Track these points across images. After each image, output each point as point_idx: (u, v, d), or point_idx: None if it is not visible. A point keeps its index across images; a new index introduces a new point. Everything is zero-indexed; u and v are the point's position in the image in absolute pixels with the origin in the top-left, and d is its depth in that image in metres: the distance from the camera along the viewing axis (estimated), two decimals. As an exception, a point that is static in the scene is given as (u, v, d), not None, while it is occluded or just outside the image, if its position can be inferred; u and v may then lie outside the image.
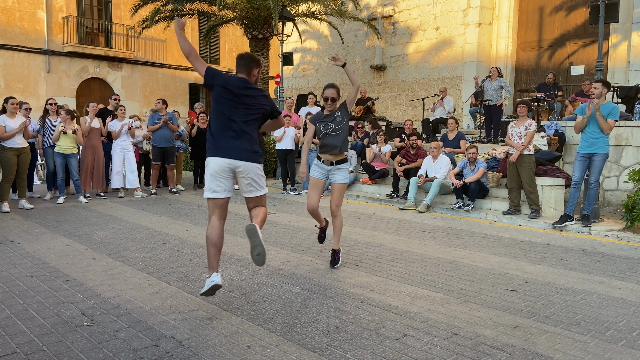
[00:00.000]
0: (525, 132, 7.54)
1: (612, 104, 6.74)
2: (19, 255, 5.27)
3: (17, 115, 8.04)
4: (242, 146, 3.75)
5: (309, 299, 4.05)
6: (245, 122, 3.78)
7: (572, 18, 13.68)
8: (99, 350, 3.07)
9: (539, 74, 14.19)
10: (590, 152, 6.84)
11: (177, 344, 3.18)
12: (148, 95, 21.32)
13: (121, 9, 20.26)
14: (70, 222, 7.12)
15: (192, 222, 7.23)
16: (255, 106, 3.83)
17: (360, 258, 5.41)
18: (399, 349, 3.17)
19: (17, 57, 17.88)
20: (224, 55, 24.05)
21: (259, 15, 14.63)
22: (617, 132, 8.68)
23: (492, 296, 4.23)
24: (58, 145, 8.58)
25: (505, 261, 5.40)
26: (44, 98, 17.23)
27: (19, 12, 17.82)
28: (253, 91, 3.84)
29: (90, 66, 19.63)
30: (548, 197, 7.88)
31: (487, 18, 14.82)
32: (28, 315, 3.60)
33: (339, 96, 5.05)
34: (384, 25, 17.15)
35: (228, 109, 3.75)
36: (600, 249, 6.12)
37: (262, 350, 3.11)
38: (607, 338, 3.41)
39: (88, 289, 4.22)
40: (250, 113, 3.80)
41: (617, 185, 8.74)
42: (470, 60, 14.87)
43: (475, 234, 6.81)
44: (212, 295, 3.78)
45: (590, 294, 4.35)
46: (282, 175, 10.74)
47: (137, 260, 5.13)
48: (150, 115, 10.06)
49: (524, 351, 3.17)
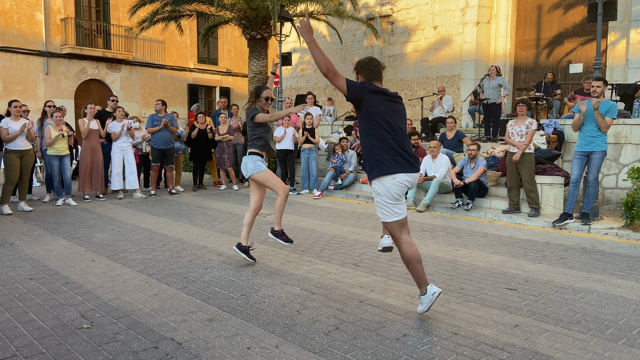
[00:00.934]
0: (525, 130, 7.53)
1: (610, 102, 6.75)
2: (18, 257, 5.27)
3: (20, 118, 8.04)
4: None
5: (309, 300, 4.05)
6: (405, 129, 3.59)
7: (571, 16, 13.68)
8: (98, 352, 3.07)
9: (538, 72, 14.19)
10: (588, 150, 6.84)
11: (177, 345, 3.18)
12: (147, 97, 21.31)
13: (119, 10, 20.24)
14: (70, 224, 7.12)
15: (192, 223, 7.22)
16: (403, 112, 3.63)
17: (360, 258, 5.40)
18: (399, 349, 3.17)
19: (15, 59, 17.86)
20: (223, 55, 24.04)
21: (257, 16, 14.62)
22: (616, 129, 8.68)
23: (492, 295, 4.22)
24: (52, 148, 8.55)
25: (505, 260, 5.39)
26: (42, 100, 17.21)
27: (17, 14, 17.80)
28: (397, 97, 3.62)
29: (88, 68, 19.61)
30: (547, 195, 7.88)
31: (485, 17, 14.82)
32: (27, 318, 3.59)
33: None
34: (382, 25, 17.15)
35: (392, 116, 3.48)
36: (600, 247, 6.12)
37: (262, 352, 3.11)
38: (607, 336, 3.41)
39: (87, 291, 4.21)
40: (404, 119, 3.61)
41: (617, 183, 8.75)
42: (468, 59, 14.87)
43: (475, 233, 6.81)
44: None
45: (590, 292, 4.35)
46: (282, 175, 10.73)
47: (137, 262, 5.13)
48: (149, 117, 10.06)
49: (524, 350, 3.17)
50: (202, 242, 6.09)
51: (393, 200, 3.49)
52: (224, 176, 11.28)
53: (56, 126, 8.57)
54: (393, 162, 3.45)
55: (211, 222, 7.36)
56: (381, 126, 3.45)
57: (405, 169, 3.46)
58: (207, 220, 7.46)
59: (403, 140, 3.50)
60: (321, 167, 11.59)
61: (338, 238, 6.39)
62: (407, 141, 3.55)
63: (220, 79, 23.93)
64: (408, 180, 3.49)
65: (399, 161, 3.45)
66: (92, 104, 9.39)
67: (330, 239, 6.36)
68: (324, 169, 11.49)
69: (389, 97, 3.51)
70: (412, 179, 3.52)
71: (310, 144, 10.41)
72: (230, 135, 10.94)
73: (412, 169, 3.49)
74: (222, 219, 7.60)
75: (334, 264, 5.16)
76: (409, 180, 3.50)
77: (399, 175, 3.45)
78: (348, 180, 10.43)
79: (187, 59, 22.73)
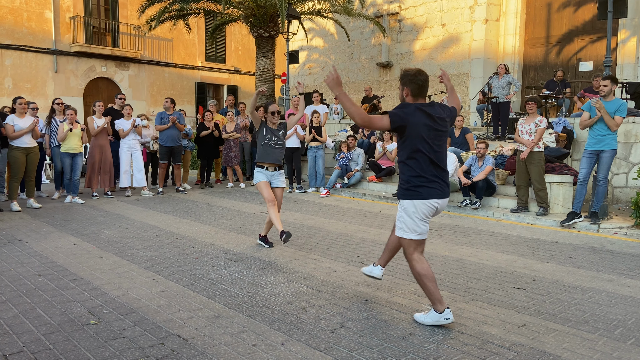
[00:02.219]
0: (535, 128, 7.47)
1: (620, 100, 6.68)
2: (26, 254, 5.31)
3: (26, 115, 8.09)
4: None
5: (315, 298, 4.05)
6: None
7: (580, 14, 13.55)
8: (105, 348, 3.08)
9: (547, 70, 14.08)
10: (598, 149, 6.77)
11: (183, 342, 3.19)
12: (155, 95, 21.39)
13: (128, 9, 20.32)
14: (78, 221, 7.16)
15: (199, 221, 7.24)
16: (445, 132, 3.54)
17: (366, 256, 5.39)
18: (405, 347, 3.16)
19: (25, 57, 17.99)
20: (230, 53, 24.07)
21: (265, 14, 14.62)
22: (626, 128, 8.60)
23: (500, 294, 4.20)
24: (65, 145, 8.61)
25: (513, 259, 5.36)
26: (51, 98, 17.32)
27: (27, 12, 17.93)
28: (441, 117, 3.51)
29: (97, 66, 19.71)
30: (556, 194, 7.82)
31: (494, 14, 14.72)
32: (35, 314, 3.62)
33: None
34: (390, 23, 17.08)
35: (434, 140, 3.44)
36: (609, 246, 6.06)
37: (268, 349, 3.11)
38: (616, 336, 3.38)
39: (95, 287, 4.24)
40: (443, 140, 3.54)
41: (627, 182, 8.66)
42: (477, 57, 14.78)
43: (483, 232, 6.77)
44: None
45: (599, 292, 4.31)
46: (288, 173, 10.73)
47: (144, 259, 5.15)
48: (157, 114, 10.10)
49: (531, 350, 3.14)
50: (209, 239, 6.10)
51: (418, 219, 3.48)
52: (231, 174, 11.30)
53: (70, 124, 8.63)
54: (425, 188, 3.44)
55: (218, 219, 7.38)
56: (419, 151, 3.42)
57: (437, 194, 3.46)
58: (214, 218, 7.48)
59: (438, 166, 3.46)
60: (328, 166, 11.58)
61: (344, 236, 6.38)
62: (443, 165, 3.50)
63: (228, 77, 23.96)
64: (438, 204, 3.49)
65: (431, 187, 3.44)
66: (101, 102, 9.44)
67: (337, 237, 6.35)
68: (330, 167, 11.48)
69: (432, 118, 3.43)
70: (441, 204, 3.52)
71: (317, 142, 10.40)
72: (237, 134, 10.96)
73: (442, 195, 3.48)
74: (229, 216, 7.62)
75: (340, 262, 5.15)
76: (439, 204, 3.50)
77: (431, 201, 3.46)
78: (355, 178, 10.41)
79: (195, 57, 22.79)
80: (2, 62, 17.49)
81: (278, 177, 5.74)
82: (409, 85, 3.48)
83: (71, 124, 8.61)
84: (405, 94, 3.51)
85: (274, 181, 5.72)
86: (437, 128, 3.44)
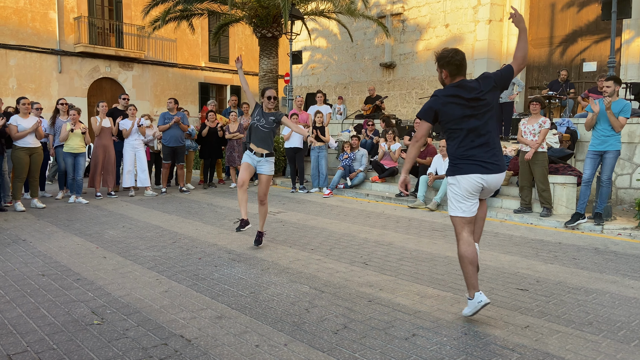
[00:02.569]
0: (539, 129, 7.45)
1: (623, 101, 6.66)
2: (30, 254, 5.33)
3: (29, 116, 8.12)
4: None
5: (318, 298, 4.05)
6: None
7: (584, 14, 13.51)
8: (108, 348, 3.09)
9: (551, 70, 14.04)
10: (601, 150, 6.75)
11: (186, 342, 3.19)
12: (159, 95, 21.43)
13: (132, 9, 20.37)
14: (82, 221, 7.18)
15: (202, 221, 7.25)
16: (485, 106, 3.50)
17: (369, 257, 5.39)
18: (408, 348, 3.16)
19: (29, 57, 18.05)
20: (234, 54, 24.08)
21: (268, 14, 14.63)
22: (630, 129, 8.57)
23: (503, 295, 4.19)
24: (67, 145, 8.64)
25: (516, 260, 5.35)
26: (56, 98, 17.36)
27: (31, 12, 17.99)
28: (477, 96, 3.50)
29: (101, 66, 19.77)
30: (560, 195, 7.80)
31: (498, 15, 14.69)
32: (39, 314, 3.63)
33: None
34: (394, 23, 17.07)
35: (470, 118, 3.48)
36: (613, 247, 6.04)
37: (271, 350, 3.11)
38: (620, 338, 3.36)
39: (98, 287, 4.25)
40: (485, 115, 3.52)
41: (630, 183, 8.63)
42: (480, 58, 14.76)
43: (486, 233, 6.75)
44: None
45: (603, 293, 4.30)
46: (291, 173, 10.74)
47: (147, 259, 5.16)
48: (160, 115, 10.12)
49: (534, 351, 3.13)
50: (212, 239, 6.11)
51: (462, 195, 3.51)
52: (234, 174, 11.30)
53: (74, 124, 8.66)
54: (466, 164, 3.50)
55: (221, 219, 7.39)
56: (455, 130, 3.51)
57: (479, 170, 3.47)
58: (217, 218, 7.49)
59: (481, 143, 3.47)
60: (331, 166, 11.58)
61: (347, 237, 6.38)
62: (488, 140, 3.48)
63: (231, 77, 23.99)
64: (482, 179, 3.48)
65: (472, 163, 3.48)
66: (104, 102, 9.47)
67: (340, 237, 6.35)
68: (334, 167, 11.48)
69: (464, 99, 3.46)
70: (487, 179, 3.49)
71: (320, 143, 10.40)
72: (240, 134, 10.97)
73: (486, 170, 3.48)
74: (232, 216, 7.62)
75: (343, 262, 5.15)
76: (484, 180, 3.48)
77: (473, 175, 3.48)
78: (358, 179, 10.40)
79: (199, 57, 22.82)
80: (6, 63, 17.56)
81: (264, 164, 5.68)
82: (446, 67, 3.52)
83: (73, 124, 8.64)
84: (445, 76, 3.56)
85: (260, 167, 5.69)
86: (470, 106, 3.45)
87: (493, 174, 3.50)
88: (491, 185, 3.54)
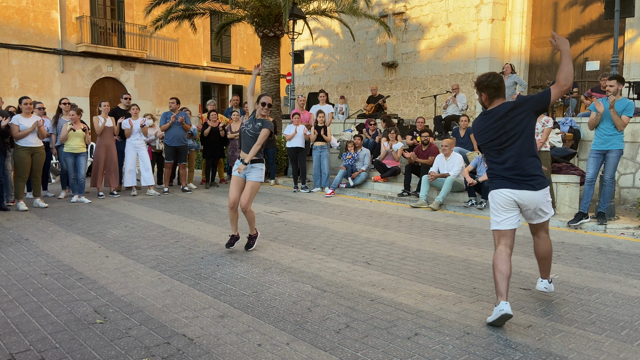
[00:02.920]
0: (542, 128, 7.44)
1: (626, 100, 6.63)
2: (33, 253, 5.33)
3: (31, 115, 8.13)
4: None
5: (320, 298, 4.05)
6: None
7: (587, 13, 13.47)
8: (111, 347, 3.09)
9: (554, 69, 14.01)
10: (604, 149, 6.73)
11: (188, 341, 3.19)
12: (161, 94, 21.45)
13: (134, 9, 20.39)
14: (84, 220, 7.19)
15: (204, 221, 7.25)
16: (514, 124, 3.62)
17: (371, 256, 5.38)
18: (411, 347, 3.15)
19: (31, 57, 18.08)
20: (235, 53, 24.10)
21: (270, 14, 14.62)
22: (633, 128, 8.54)
23: (505, 295, 4.17)
24: (67, 145, 8.65)
25: (519, 259, 5.34)
26: (58, 98, 17.40)
27: (33, 12, 18.02)
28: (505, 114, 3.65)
29: (103, 66, 19.79)
30: (563, 194, 7.78)
31: (500, 14, 14.67)
32: (42, 313, 3.64)
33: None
34: (396, 22, 17.06)
35: (501, 140, 3.66)
36: (616, 247, 6.02)
37: (273, 349, 3.11)
38: (623, 337, 3.35)
39: (101, 286, 4.25)
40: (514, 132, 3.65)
41: (634, 182, 8.60)
42: (483, 57, 14.73)
43: (488, 232, 6.74)
44: (500, 326, 3.52)
45: (606, 292, 4.29)
46: (293, 173, 10.74)
47: (150, 258, 5.16)
48: (162, 114, 10.13)
49: (537, 351, 3.13)
50: (214, 239, 6.11)
51: (496, 209, 3.71)
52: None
53: (73, 124, 8.66)
54: (497, 180, 3.72)
55: (223, 219, 7.39)
56: (488, 152, 3.76)
57: (508, 185, 3.65)
58: (220, 218, 7.49)
59: (512, 164, 3.62)
60: (333, 165, 11.58)
61: (349, 236, 6.38)
62: (516, 162, 3.61)
63: (233, 77, 23.99)
64: (512, 193, 3.63)
65: (503, 178, 3.68)
66: (106, 102, 9.47)
67: (342, 237, 6.34)
68: (336, 167, 11.48)
69: (490, 123, 3.65)
70: (518, 194, 3.63)
71: (322, 142, 10.40)
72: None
73: (515, 186, 3.63)
74: (234, 216, 7.62)
75: (345, 262, 5.14)
76: (514, 194, 3.63)
77: (503, 190, 3.67)
78: (360, 179, 10.39)
79: (200, 57, 22.83)
80: (9, 62, 17.59)
81: (251, 171, 5.41)
82: (485, 90, 3.70)
83: (72, 124, 8.64)
84: (484, 99, 3.74)
85: (248, 175, 5.43)
86: (497, 130, 3.63)
87: (524, 190, 3.62)
88: (522, 201, 3.65)
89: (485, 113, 3.73)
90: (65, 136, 8.57)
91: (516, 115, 3.58)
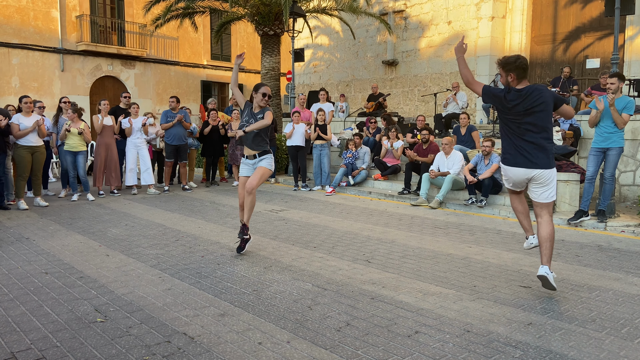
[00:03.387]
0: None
1: (627, 98, 6.63)
2: (34, 252, 5.34)
3: (32, 114, 8.13)
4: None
5: (320, 296, 4.05)
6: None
7: (587, 10, 13.45)
8: (111, 346, 3.10)
9: (554, 67, 13.99)
10: (604, 147, 6.73)
11: (189, 340, 3.20)
12: (161, 93, 21.44)
13: (134, 7, 20.37)
14: (85, 219, 7.19)
15: (205, 219, 7.26)
16: (522, 108, 3.97)
17: (372, 255, 5.39)
18: (411, 345, 3.15)
19: (31, 56, 18.07)
20: (236, 52, 24.06)
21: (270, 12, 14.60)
22: (634, 126, 8.53)
23: (506, 293, 4.18)
24: (67, 144, 8.65)
25: (519, 257, 5.34)
26: (58, 96, 17.40)
27: (33, 11, 18.01)
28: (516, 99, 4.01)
29: (103, 64, 19.78)
30: (563, 192, 7.78)
31: (501, 11, 14.64)
32: (42, 312, 3.64)
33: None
34: (396, 20, 17.03)
35: (511, 118, 4.03)
36: (616, 244, 6.02)
37: (274, 347, 3.11)
38: (623, 335, 3.36)
39: (101, 285, 4.26)
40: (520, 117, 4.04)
41: (634, 180, 8.60)
42: (483, 55, 14.71)
43: (489, 230, 6.74)
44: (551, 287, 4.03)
45: (606, 290, 4.29)
46: (293, 171, 10.74)
47: (150, 257, 5.17)
48: (162, 113, 10.13)
49: (537, 348, 3.13)
50: (214, 237, 6.12)
51: (505, 178, 4.24)
52: (237, 172, 11.31)
53: (73, 123, 8.66)
54: (505, 157, 4.13)
55: (224, 217, 7.39)
56: (502, 128, 4.13)
57: (509, 163, 4.07)
58: (220, 216, 7.50)
59: (519, 143, 3.98)
60: (334, 164, 11.58)
61: (350, 234, 6.38)
62: (526, 141, 3.94)
63: (234, 75, 23.94)
64: (510, 170, 4.10)
65: (507, 156, 4.09)
66: (106, 101, 9.47)
67: (342, 235, 6.35)
68: (336, 165, 11.47)
69: (507, 102, 3.95)
70: (510, 173, 4.10)
71: (322, 140, 10.39)
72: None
73: (514, 164, 4.03)
74: (234, 214, 7.63)
75: (345, 260, 5.15)
76: (512, 172, 4.09)
77: (504, 166, 4.15)
78: (360, 177, 10.39)
79: (201, 55, 22.82)
80: (9, 61, 17.59)
81: (258, 164, 5.28)
82: (514, 71, 3.93)
83: (69, 123, 8.64)
84: (512, 79, 3.96)
85: (259, 163, 5.29)
86: (512, 112, 3.95)
87: (519, 167, 4.04)
88: (516, 176, 4.09)
89: (505, 92, 3.97)
90: (63, 135, 8.59)
91: (519, 112, 3.98)
